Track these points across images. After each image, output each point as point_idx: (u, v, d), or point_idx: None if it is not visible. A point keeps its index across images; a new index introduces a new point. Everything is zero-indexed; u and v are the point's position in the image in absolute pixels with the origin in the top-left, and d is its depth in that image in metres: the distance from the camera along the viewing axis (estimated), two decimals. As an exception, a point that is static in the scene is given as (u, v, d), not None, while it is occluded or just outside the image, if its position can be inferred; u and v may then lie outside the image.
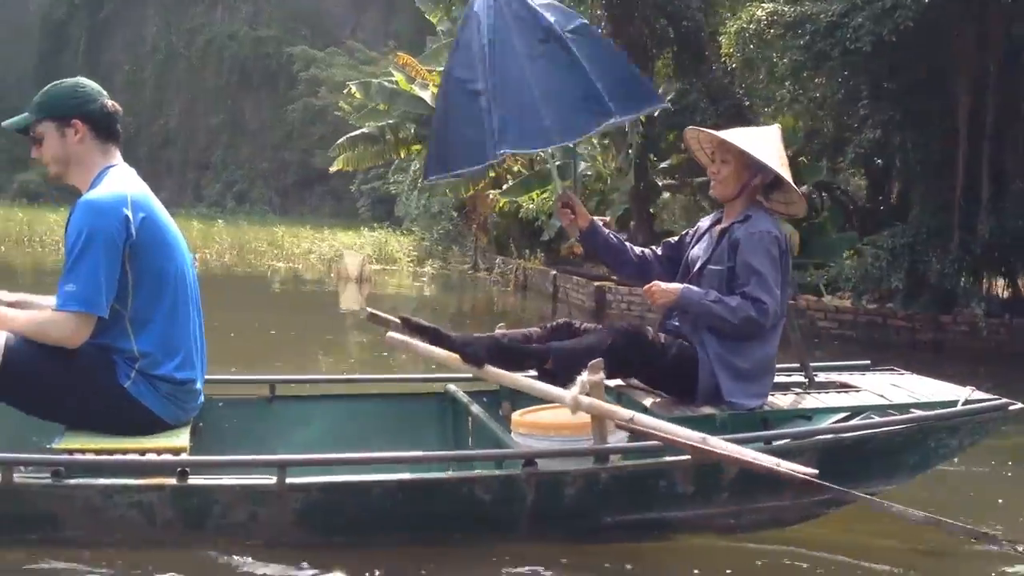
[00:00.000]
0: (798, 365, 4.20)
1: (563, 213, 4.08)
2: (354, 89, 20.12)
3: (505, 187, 15.41)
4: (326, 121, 45.64)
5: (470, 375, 4.14)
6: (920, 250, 10.22)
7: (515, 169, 15.92)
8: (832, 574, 3.43)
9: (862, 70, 9.83)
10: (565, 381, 3.40)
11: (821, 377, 4.24)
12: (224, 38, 52.01)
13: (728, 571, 3.33)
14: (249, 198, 49.88)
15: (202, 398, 3.57)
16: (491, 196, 15.93)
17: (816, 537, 3.63)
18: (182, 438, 3.36)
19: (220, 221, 27.29)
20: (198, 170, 51.79)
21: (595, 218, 4.24)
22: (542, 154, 4.59)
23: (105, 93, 3.46)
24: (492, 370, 3.54)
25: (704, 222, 4.14)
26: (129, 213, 3.25)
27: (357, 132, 19.81)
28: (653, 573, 3.28)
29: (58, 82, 3.45)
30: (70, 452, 3.18)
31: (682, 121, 12.67)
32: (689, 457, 3.22)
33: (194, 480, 3.06)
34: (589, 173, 15.14)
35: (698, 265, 3.90)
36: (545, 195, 15.10)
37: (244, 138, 51.88)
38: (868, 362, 4.64)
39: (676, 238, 4.20)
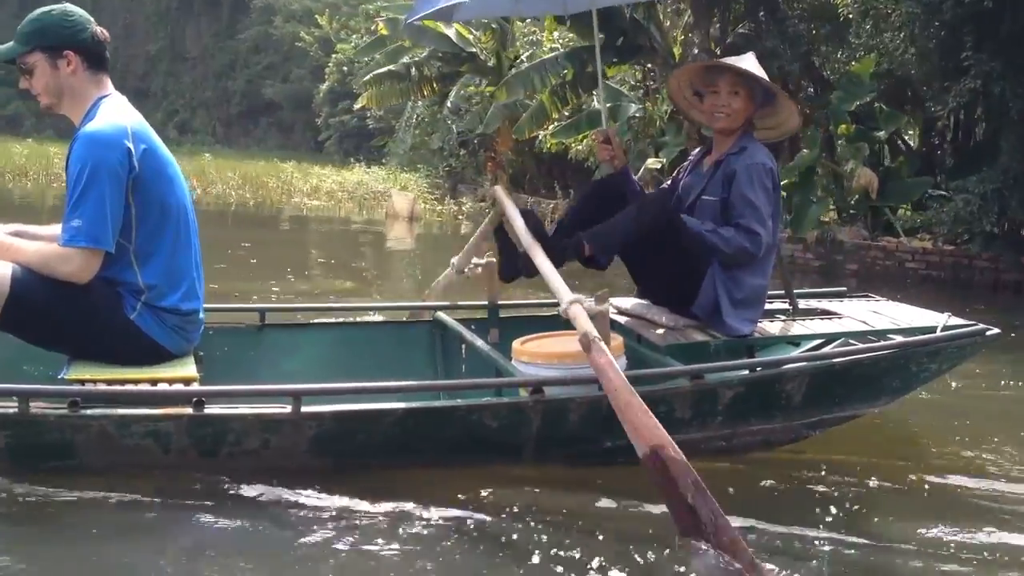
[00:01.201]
0: (782, 292, 4.44)
1: (603, 147, 4.21)
2: (382, 25, 19.89)
3: (553, 128, 15.58)
4: (280, 51, 44.77)
5: (460, 304, 4.50)
6: (1007, 195, 10.80)
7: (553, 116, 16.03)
8: (817, 492, 3.58)
9: (967, 23, 10.27)
10: (607, 260, 3.68)
11: (802, 304, 4.43)
12: (163, -40, 50.27)
13: (720, 491, 3.15)
14: (191, 128, 48.75)
15: (203, 328, 3.59)
16: (541, 136, 16.05)
17: (802, 458, 3.83)
18: (190, 368, 3.42)
19: (207, 154, 26.79)
20: (137, 98, 48.76)
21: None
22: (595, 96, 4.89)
23: (92, 20, 3.39)
24: (540, 256, 3.59)
25: (693, 155, 4.27)
26: (131, 145, 3.23)
27: (383, 69, 19.64)
28: (649, 494, 3.33)
29: (46, 10, 3.34)
30: (81, 383, 3.22)
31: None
32: (689, 384, 3.43)
33: (210, 409, 3.11)
34: (639, 116, 15.41)
35: (692, 196, 4.00)
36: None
37: (184, 66, 50.54)
38: (844, 289, 4.92)
39: (670, 180, 4.29)
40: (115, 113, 3.28)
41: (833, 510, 3.35)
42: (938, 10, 10.15)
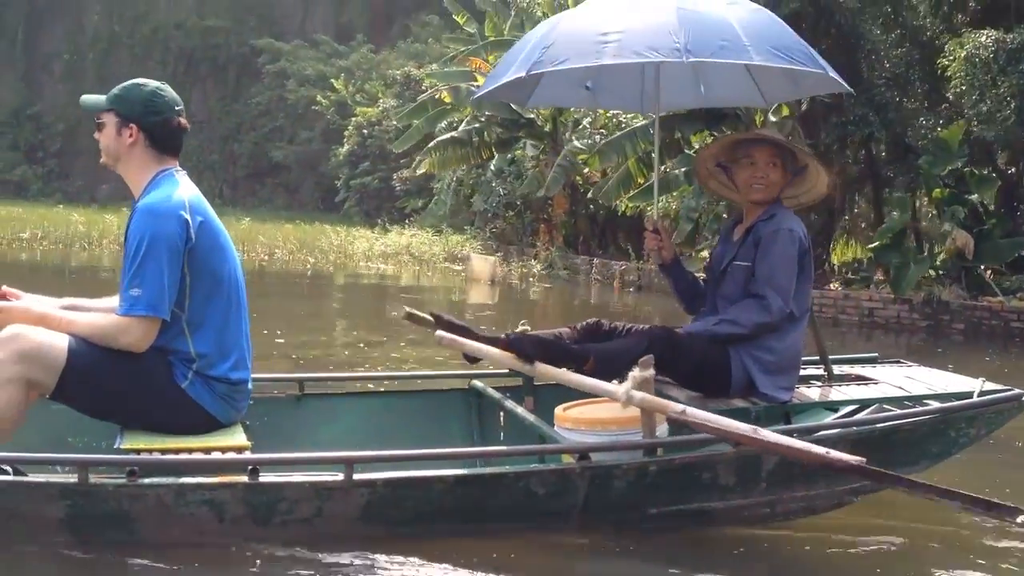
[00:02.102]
0: (815, 359, 4.41)
1: (652, 237, 4.21)
2: (445, 94, 20.32)
3: (633, 192, 15.92)
4: (293, 114, 45.30)
5: (495, 371, 4.46)
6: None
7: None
8: (862, 557, 3.59)
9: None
10: (606, 380, 3.55)
11: (836, 370, 4.43)
12: (170, 27, 50.91)
13: (764, 558, 3.50)
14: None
15: (250, 397, 3.63)
16: (618, 200, 16.36)
17: (845, 524, 3.81)
18: (240, 436, 3.45)
19: (247, 219, 27.03)
20: (142, 162, 50.52)
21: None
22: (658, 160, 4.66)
23: (180, 107, 3.52)
24: (542, 366, 3.67)
25: (724, 225, 4.37)
26: (188, 217, 3.32)
27: (447, 136, 20.06)
28: (694, 561, 3.37)
29: (143, 82, 3.50)
30: (137, 452, 3.25)
31: (848, 132, 13.54)
32: (732, 449, 3.40)
33: (264, 477, 3.13)
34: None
35: (724, 263, 4.02)
36: (673, 204, 15.77)
37: (191, 129, 50.68)
38: (876, 355, 4.90)
39: (709, 259, 4.32)
40: (174, 186, 3.39)
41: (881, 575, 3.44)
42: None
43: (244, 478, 3.10)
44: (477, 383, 4.44)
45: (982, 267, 12.74)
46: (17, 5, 51.67)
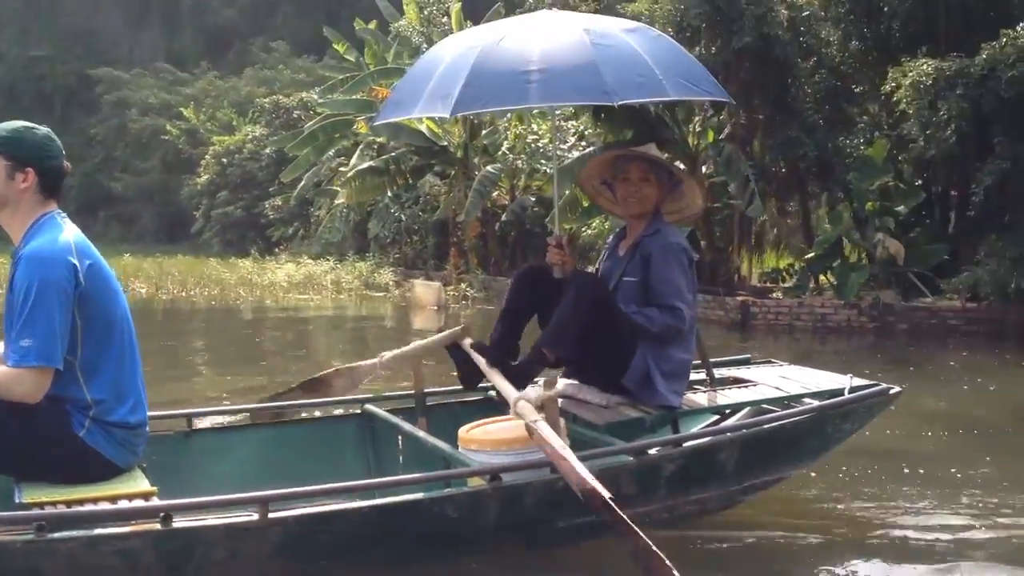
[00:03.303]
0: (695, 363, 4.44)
1: (555, 252, 4.13)
2: (361, 123, 20.45)
3: (579, 213, 16.60)
4: (138, 144, 43.84)
5: (380, 396, 4.58)
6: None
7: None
8: (754, 550, 3.89)
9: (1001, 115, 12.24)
10: (575, 355, 3.90)
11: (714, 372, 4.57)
12: (-11, 58, 48.42)
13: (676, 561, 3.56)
14: (25, 226, 46.69)
15: (147, 439, 3.54)
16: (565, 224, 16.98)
17: (738, 521, 4.10)
18: (143, 482, 3.36)
19: (127, 255, 26.20)
20: (-40, 199, 47.75)
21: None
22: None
23: (65, 153, 3.44)
24: (500, 379, 3.80)
25: (609, 241, 4.44)
26: (76, 261, 3.22)
27: (364, 165, 20.22)
28: (602, 570, 3.52)
29: (32, 126, 3.38)
30: (40, 506, 3.12)
31: (792, 152, 14.69)
32: (634, 460, 3.56)
33: (178, 523, 3.05)
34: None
35: (614, 280, 4.13)
36: (607, 224, 16.56)
37: (13, 163, 48.50)
38: (749, 356, 5.15)
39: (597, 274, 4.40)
40: (58, 230, 3.28)
41: (772, 569, 3.80)
42: (980, 104, 12.05)
43: (156, 525, 3.00)
44: (370, 407, 4.42)
45: (910, 272, 14.10)
46: None
